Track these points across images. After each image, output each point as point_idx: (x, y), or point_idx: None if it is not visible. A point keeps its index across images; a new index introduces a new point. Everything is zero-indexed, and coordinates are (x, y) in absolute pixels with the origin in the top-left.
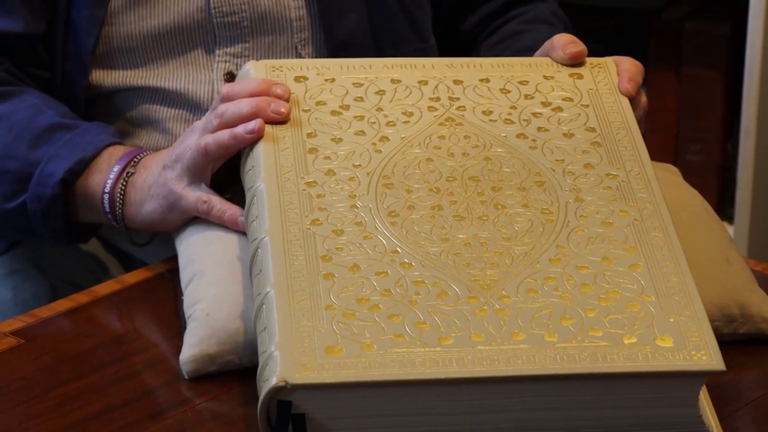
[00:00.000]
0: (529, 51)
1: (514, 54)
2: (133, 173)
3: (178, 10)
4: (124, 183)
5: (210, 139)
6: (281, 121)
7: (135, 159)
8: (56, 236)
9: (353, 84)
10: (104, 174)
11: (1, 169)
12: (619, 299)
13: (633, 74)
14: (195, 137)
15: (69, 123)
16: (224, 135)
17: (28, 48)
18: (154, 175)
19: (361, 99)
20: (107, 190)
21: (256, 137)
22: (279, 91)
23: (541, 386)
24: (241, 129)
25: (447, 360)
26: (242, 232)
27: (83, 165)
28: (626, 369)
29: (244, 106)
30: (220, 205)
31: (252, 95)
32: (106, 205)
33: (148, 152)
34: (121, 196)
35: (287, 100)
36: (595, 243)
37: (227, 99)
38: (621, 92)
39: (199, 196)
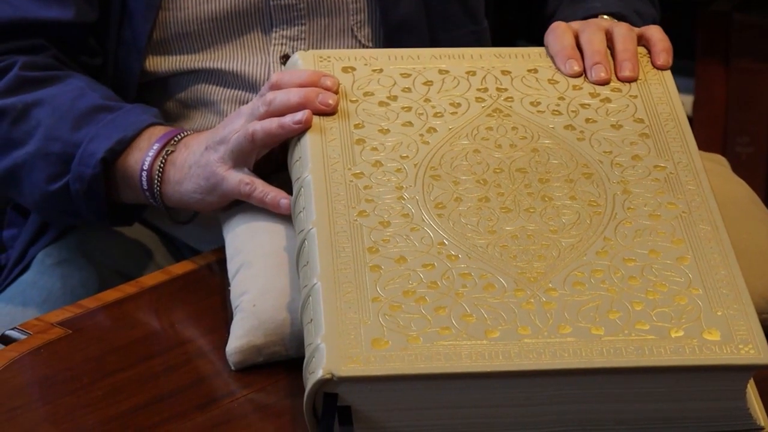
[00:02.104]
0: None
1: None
2: (173, 151)
3: None
4: (163, 161)
5: (258, 126)
6: (329, 112)
7: (175, 138)
8: (99, 217)
9: (401, 75)
10: (143, 152)
11: (45, 151)
12: (666, 292)
13: (666, 45)
14: (241, 122)
15: (111, 104)
16: (272, 123)
17: (78, 37)
18: (196, 155)
19: (409, 90)
20: (146, 167)
21: (303, 128)
22: (328, 82)
23: (587, 380)
24: (288, 119)
25: (493, 353)
26: (286, 218)
27: (124, 144)
28: (673, 363)
29: (292, 95)
30: (262, 187)
31: (301, 86)
32: (144, 183)
33: (189, 132)
34: (160, 174)
35: (336, 92)
36: (643, 235)
37: (276, 87)
38: (659, 67)
39: (241, 178)
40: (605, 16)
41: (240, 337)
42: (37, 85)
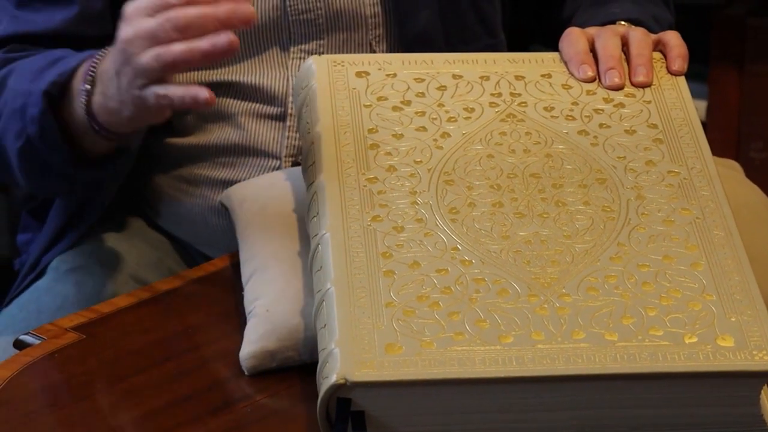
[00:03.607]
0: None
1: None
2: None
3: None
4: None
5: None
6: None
7: (90, 72)
8: (67, 162)
9: (415, 79)
10: (79, 84)
11: (10, 110)
12: (680, 298)
13: (682, 51)
14: (142, 42)
15: (69, 53)
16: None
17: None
18: (111, 86)
19: (423, 95)
20: (83, 99)
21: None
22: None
23: (601, 385)
24: (207, 43)
25: (507, 358)
26: (300, 223)
27: (65, 77)
28: (687, 369)
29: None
30: (180, 91)
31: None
32: (86, 116)
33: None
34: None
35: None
36: (657, 241)
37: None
38: (674, 72)
39: (156, 91)
40: (623, 22)
41: (253, 342)
42: (17, 60)
